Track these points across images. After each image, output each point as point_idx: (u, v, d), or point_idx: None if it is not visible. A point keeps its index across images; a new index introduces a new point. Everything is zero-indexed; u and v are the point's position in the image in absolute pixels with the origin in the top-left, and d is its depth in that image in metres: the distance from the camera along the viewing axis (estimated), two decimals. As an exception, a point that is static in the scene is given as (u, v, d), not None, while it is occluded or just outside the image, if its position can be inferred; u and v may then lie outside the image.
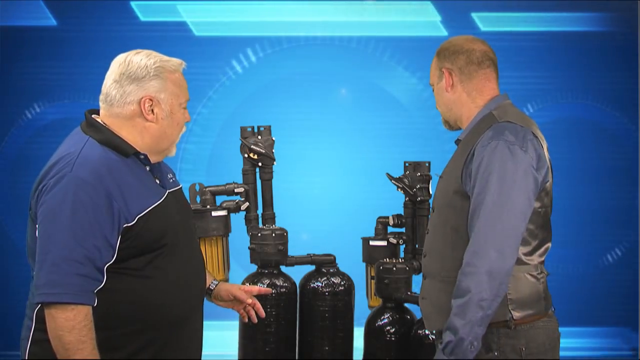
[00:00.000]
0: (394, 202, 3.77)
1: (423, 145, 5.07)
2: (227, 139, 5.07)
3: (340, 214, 5.03)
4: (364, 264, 3.78)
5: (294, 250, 3.72)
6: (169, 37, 5.13)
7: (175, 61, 2.52)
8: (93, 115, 2.51)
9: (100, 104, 2.51)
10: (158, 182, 2.53)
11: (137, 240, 2.39)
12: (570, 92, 5.16)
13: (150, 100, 2.45)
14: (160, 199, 2.47)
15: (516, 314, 2.57)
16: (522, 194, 2.52)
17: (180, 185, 2.68)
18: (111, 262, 2.36)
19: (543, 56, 5.09)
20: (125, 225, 2.37)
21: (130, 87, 2.45)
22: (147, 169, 2.50)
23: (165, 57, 2.51)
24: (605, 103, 5.16)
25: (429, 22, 5.15)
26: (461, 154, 2.65)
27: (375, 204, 3.94)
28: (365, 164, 5.09)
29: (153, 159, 2.53)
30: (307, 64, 5.18)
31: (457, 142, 2.76)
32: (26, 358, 2.43)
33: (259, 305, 2.89)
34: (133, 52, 2.50)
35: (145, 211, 2.41)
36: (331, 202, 5.09)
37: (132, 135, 2.47)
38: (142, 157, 2.49)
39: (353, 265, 3.78)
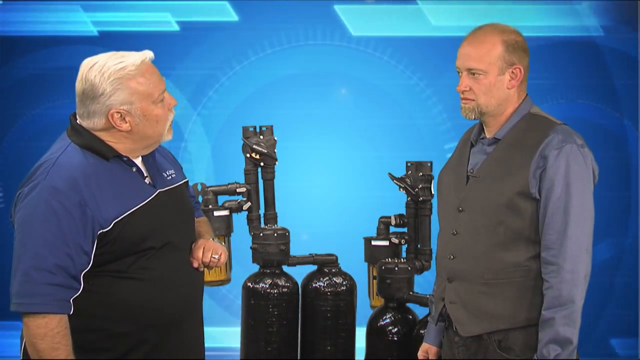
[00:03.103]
0: (396, 202, 3.78)
1: (424, 145, 5.07)
2: (227, 139, 5.07)
3: (342, 214, 5.03)
4: (366, 264, 3.79)
5: (295, 250, 3.72)
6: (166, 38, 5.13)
7: (132, 62, 2.38)
8: (78, 120, 2.45)
9: None
10: (148, 181, 2.48)
11: (117, 245, 2.37)
12: (570, 92, 5.16)
13: (118, 112, 2.38)
14: (146, 200, 2.43)
15: None
16: (591, 195, 2.59)
17: (182, 181, 2.60)
18: (87, 268, 2.35)
19: (543, 56, 5.09)
20: (101, 231, 2.35)
21: (93, 106, 2.37)
22: (133, 169, 2.46)
23: (122, 63, 2.36)
24: (605, 103, 5.17)
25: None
26: (517, 155, 2.61)
27: (377, 204, 3.93)
28: (367, 164, 5.09)
29: (144, 152, 2.48)
30: (308, 63, 5.18)
31: (492, 140, 2.69)
32: (22, 357, 2.43)
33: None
34: (89, 64, 2.38)
35: (124, 215, 2.37)
36: (333, 202, 5.09)
37: (112, 142, 2.42)
38: (125, 159, 2.44)
39: (355, 265, 3.78)
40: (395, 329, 3.59)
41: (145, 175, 2.49)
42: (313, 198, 5.07)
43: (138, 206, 2.41)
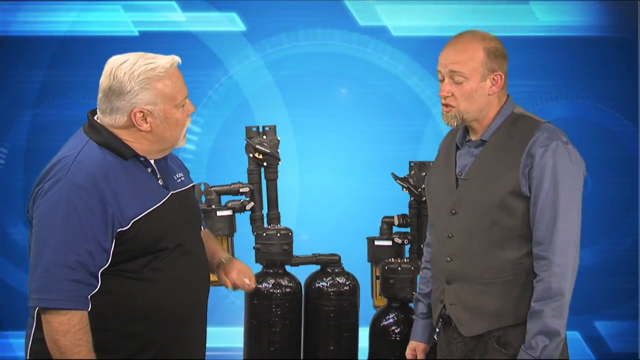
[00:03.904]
0: (399, 202, 3.78)
1: (427, 145, 5.07)
2: (227, 139, 5.07)
3: (345, 214, 5.03)
4: (369, 264, 3.79)
5: (298, 250, 3.72)
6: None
7: (162, 65, 2.41)
8: (96, 117, 2.48)
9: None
10: (161, 183, 2.50)
11: (133, 244, 2.38)
12: (570, 92, 5.17)
13: (141, 112, 2.40)
14: (160, 201, 2.45)
15: None
16: (580, 191, 2.63)
17: (190, 185, 2.63)
18: (106, 266, 2.36)
19: (543, 56, 5.10)
20: (120, 229, 2.36)
21: (118, 103, 2.39)
22: (149, 170, 2.48)
23: (152, 64, 2.39)
24: (605, 103, 5.17)
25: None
26: (505, 155, 2.65)
27: (380, 204, 3.94)
28: (370, 164, 5.09)
29: (158, 156, 2.51)
30: (310, 63, 5.18)
31: (478, 142, 2.72)
32: (28, 357, 2.43)
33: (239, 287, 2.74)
34: (119, 61, 2.41)
35: (141, 215, 2.39)
36: (336, 202, 5.09)
37: (130, 141, 2.44)
38: (142, 159, 2.46)
39: (358, 265, 3.78)
40: (398, 329, 3.59)
41: (158, 176, 2.50)
42: (316, 198, 5.07)
43: (154, 207, 2.42)
